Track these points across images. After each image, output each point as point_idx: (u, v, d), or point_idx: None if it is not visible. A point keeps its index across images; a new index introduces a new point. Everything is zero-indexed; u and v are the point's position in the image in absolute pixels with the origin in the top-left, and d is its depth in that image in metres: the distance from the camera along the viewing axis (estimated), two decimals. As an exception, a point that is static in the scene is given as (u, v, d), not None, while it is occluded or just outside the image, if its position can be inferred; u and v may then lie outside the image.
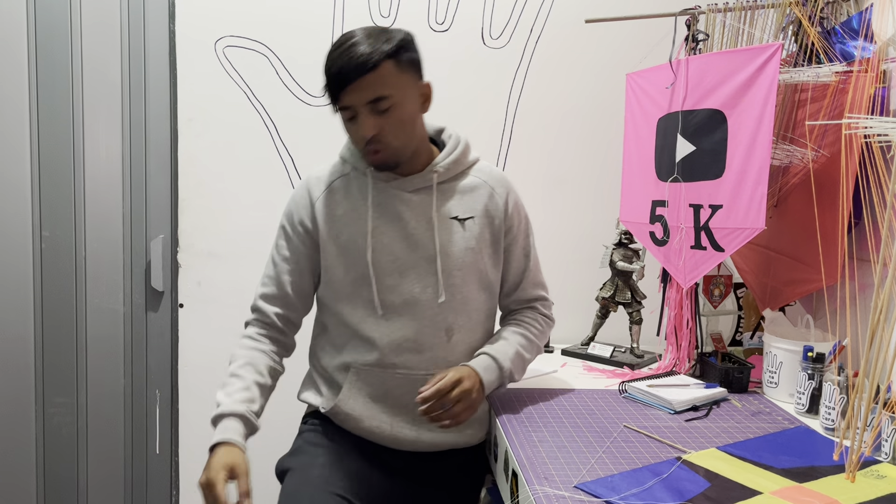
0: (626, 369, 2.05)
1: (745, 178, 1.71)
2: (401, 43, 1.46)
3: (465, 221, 1.60)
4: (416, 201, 1.59)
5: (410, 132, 1.54)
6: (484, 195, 1.64)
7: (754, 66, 1.68)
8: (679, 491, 1.26)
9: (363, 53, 1.42)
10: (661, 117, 1.94)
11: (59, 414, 2.36)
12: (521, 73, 2.36)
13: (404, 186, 1.59)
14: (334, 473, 1.55)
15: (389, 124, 1.48)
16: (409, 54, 1.49)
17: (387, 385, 1.60)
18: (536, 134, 2.39)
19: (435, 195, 1.59)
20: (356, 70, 1.42)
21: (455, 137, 1.65)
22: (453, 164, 1.62)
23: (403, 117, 1.50)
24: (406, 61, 1.48)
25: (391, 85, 1.45)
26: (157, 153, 2.33)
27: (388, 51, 1.44)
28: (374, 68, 1.42)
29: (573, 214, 2.42)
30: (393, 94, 1.46)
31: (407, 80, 1.49)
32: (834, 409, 1.55)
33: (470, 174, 1.66)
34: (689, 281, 1.89)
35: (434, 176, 1.59)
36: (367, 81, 1.43)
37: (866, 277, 1.70)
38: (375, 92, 1.44)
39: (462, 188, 1.63)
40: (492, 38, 2.35)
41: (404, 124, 1.51)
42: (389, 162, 1.54)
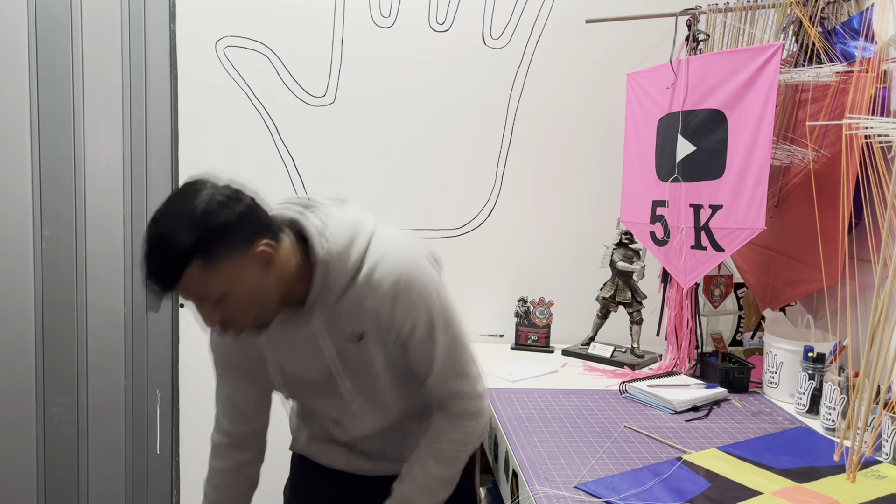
0: (627, 369, 2.05)
1: (746, 178, 1.71)
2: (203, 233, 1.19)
3: (359, 339, 1.39)
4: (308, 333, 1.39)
5: (261, 306, 1.30)
6: (370, 307, 1.35)
7: (755, 67, 1.68)
8: (679, 491, 1.26)
9: (160, 269, 1.21)
10: (661, 117, 1.94)
11: (60, 414, 2.36)
12: (522, 73, 2.36)
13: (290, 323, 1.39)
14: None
15: (229, 312, 1.27)
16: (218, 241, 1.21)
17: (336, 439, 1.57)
18: (537, 134, 2.39)
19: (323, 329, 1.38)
20: (161, 285, 1.23)
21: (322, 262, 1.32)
22: (329, 290, 1.34)
23: (241, 302, 1.26)
24: (218, 253, 1.21)
25: (206, 287, 1.22)
26: (157, 153, 2.33)
27: (186, 257, 1.19)
28: (178, 281, 1.20)
29: (573, 214, 2.42)
30: (212, 291, 1.23)
31: (226, 270, 1.22)
32: (834, 410, 1.55)
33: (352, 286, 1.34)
34: (689, 281, 1.89)
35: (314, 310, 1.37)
36: (179, 291, 1.23)
37: (867, 278, 1.70)
38: (191, 296, 1.24)
39: (347, 306, 1.36)
40: (492, 38, 2.34)
41: (247, 306, 1.28)
42: (255, 332, 1.36)
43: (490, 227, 2.40)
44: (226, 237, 1.21)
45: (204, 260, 1.19)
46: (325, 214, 1.36)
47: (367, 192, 2.35)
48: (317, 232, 1.32)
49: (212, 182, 1.25)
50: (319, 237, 1.32)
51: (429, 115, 2.35)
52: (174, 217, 1.22)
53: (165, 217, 1.23)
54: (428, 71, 2.33)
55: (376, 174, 2.35)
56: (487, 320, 2.43)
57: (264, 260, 1.26)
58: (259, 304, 1.29)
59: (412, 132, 2.34)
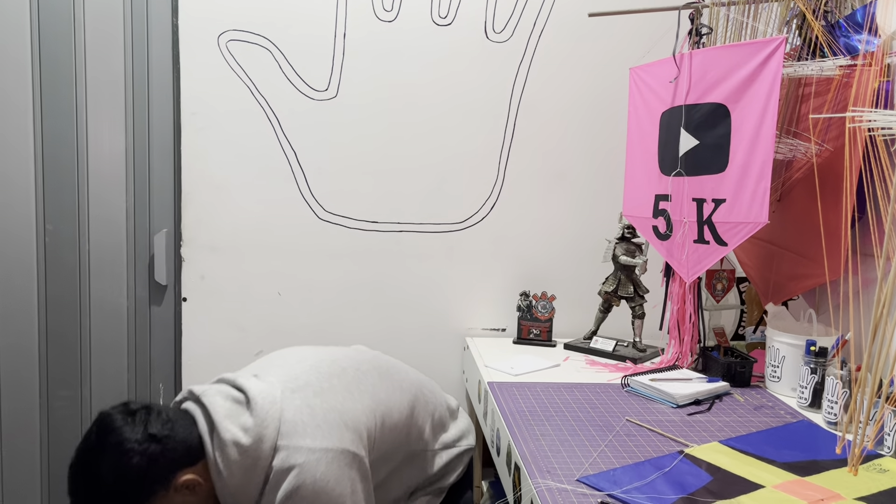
0: (629, 363, 2.06)
1: (749, 172, 1.71)
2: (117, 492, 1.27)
3: None
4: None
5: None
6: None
7: (758, 60, 1.68)
8: (681, 484, 1.26)
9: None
10: (664, 111, 1.94)
11: (64, 407, 2.37)
12: (525, 67, 2.36)
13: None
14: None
15: None
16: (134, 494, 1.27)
17: None
18: (539, 128, 2.39)
19: None
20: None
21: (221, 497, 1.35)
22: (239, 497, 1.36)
23: None
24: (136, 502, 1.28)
25: None
26: (160, 147, 2.33)
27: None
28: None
29: (576, 209, 2.42)
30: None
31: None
32: (836, 404, 1.55)
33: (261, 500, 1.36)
34: (691, 275, 1.89)
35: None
36: None
37: (870, 272, 1.70)
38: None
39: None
40: (495, 32, 2.34)
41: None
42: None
43: (492, 221, 2.40)
44: (141, 488, 1.26)
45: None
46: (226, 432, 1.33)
47: (369, 185, 2.35)
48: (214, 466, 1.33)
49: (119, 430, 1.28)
50: (217, 474, 1.32)
51: (431, 109, 2.35)
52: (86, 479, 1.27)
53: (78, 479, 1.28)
54: (430, 65, 2.32)
55: (378, 168, 2.35)
56: (489, 314, 2.43)
57: (189, 487, 1.31)
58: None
59: (414, 126, 2.34)
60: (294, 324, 2.37)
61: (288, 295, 2.38)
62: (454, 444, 1.67)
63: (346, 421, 1.39)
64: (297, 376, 1.43)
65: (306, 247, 2.35)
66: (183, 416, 1.36)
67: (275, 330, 2.39)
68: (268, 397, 1.35)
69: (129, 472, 1.25)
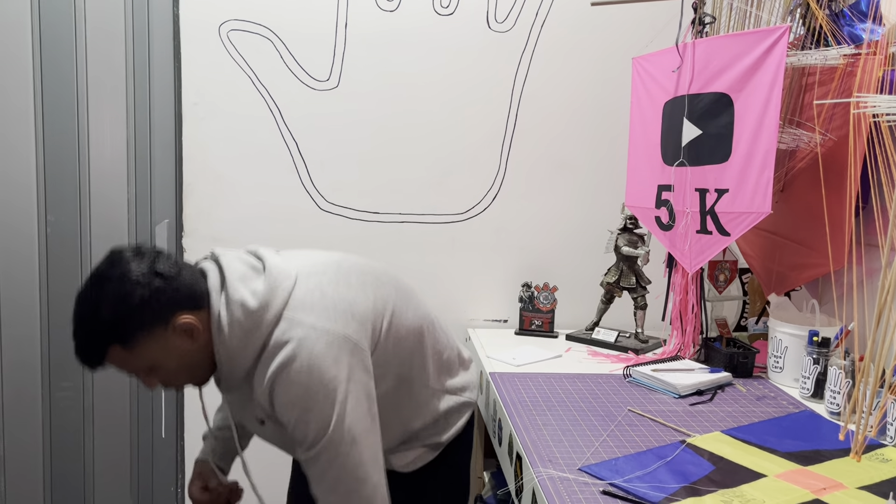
0: (631, 354, 2.05)
1: (752, 162, 1.70)
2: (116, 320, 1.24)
3: (263, 422, 1.40)
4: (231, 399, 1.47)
5: (191, 370, 1.36)
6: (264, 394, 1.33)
7: (761, 49, 1.67)
8: (683, 474, 1.26)
9: (82, 349, 1.28)
10: (667, 101, 1.93)
11: (66, 398, 2.37)
12: (527, 57, 2.35)
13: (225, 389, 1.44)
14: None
15: (162, 379, 1.34)
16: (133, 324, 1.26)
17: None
18: (542, 118, 2.38)
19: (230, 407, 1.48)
20: (89, 364, 1.30)
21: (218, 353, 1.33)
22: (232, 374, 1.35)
23: (171, 370, 1.33)
24: (135, 335, 1.26)
25: (132, 363, 1.30)
26: (161, 138, 2.33)
27: (104, 342, 1.26)
28: (102, 362, 1.29)
29: (578, 199, 2.41)
30: (139, 366, 1.30)
31: (148, 347, 1.28)
32: (839, 394, 1.55)
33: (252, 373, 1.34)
34: (694, 266, 1.88)
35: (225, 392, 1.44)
36: (108, 366, 1.30)
37: (873, 262, 1.69)
38: (122, 370, 1.32)
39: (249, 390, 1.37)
40: (497, 21, 2.33)
41: (178, 372, 1.34)
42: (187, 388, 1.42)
43: (494, 212, 2.40)
44: (141, 319, 1.25)
45: (122, 343, 1.25)
46: (235, 292, 1.32)
47: (371, 176, 2.35)
48: (216, 321, 1.31)
49: (127, 262, 1.27)
50: (218, 330, 1.31)
51: (433, 100, 2.34)
52: (89, 305, 1.26)
53: (82, 304, 1.27)
54: (432, 55, 2.31)
55: (380, 159, 2.35)
56: (491, 305, 2.43)
57: (187, 331, 1.29)
58: (189, 370, 1.34)
59: (416, 116, 2.34)
60: (296, 315, 2.37)
61: (289, 286, 2.37)
62: (457, 391, 1.61)
63: (355, 313, 1.37)
64: (317, 265, 1.43)
65: (307, 238, 2.35)
66: (195, 269, 1.36)
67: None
68: (284, 271, 1.35)
69: (130, 301, 1.24)
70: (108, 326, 1.24)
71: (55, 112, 2.27)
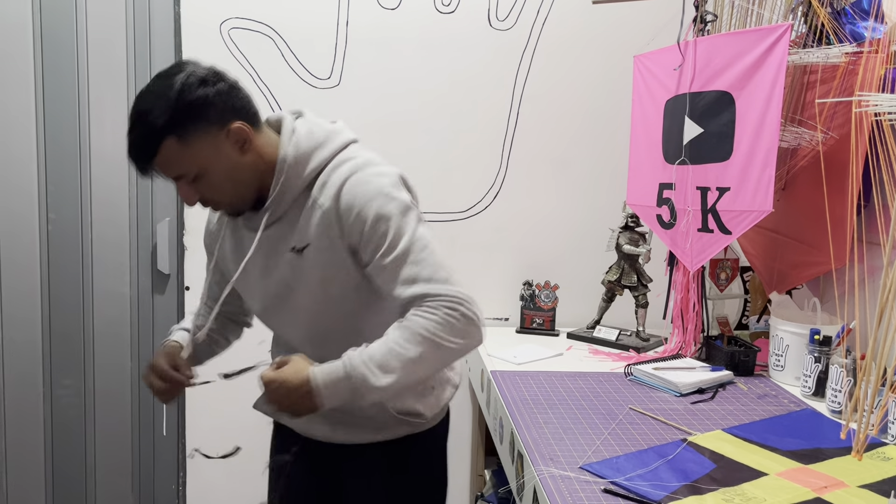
0: (632, 352, 2.05)
1: (753, 160, 1.70)
2: (177, 110, 1.25)
3: (302, 251, 1.38)
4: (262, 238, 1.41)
5: (236, 185, 1.35)
6: (316, 216, 1.36)
7: (763, 48, 1.67)
8: (684, 472, 1.26)
9: (137, 142, 1.28)
10: (668, 99, 1.93)
11: (67, 395, 2.38)
12: (528, 55, 2.35)
13: (248, 224, 1.43)
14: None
15: (206, 189, 1.33)
16: (192, 117, 1.27)
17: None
18: (543, 116, 2.38)
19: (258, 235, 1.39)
20: (140, 160, 1.29)
21: (281, 161, 1.35)
22: (282, 196, 1.37)
23: (216, 179, 1.32)
24: (192, 129, 1.27)
25: (182, 162, 1.29)
26: (162, 136, 2.33)
27: (161, 132, 1.25)
28: (155, 155, 1.27)
29: (579, 197, 2.41)
30: (189, 167, 1.29)
31: (201, 146, 1.28)
32: (840, 392, 1.55)
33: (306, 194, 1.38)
34: (695, 264, 1.88)
35: (264, 217, 1.39)
36: (156, 165, 1.29)
37: (875, 260, 1.69)
38: (170, 172, 1.30)
39: (296, 215, 1.39)
40: (498, 19, 2.33)
41: (222, 184, 1.33)
42: (231, 212, 1.42)
43: (495, 210, 2.40)
44: (200, 114, 1.26)
45: (178, 136, 1.25)
46: (309, 122, 1.39)
47: (373, 175, 2.34)
48: (288, 133, 1.36)
49: (193, 64, 1.31)
50: (287, 140, 1.35)
51: (434, 98, 2.34)
52: (151, 96, 1.27)
53: (144, 96, 1.29)
54: (433, 53, 2.31)
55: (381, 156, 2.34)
56: (493, 304, 2.42)
57: (239, 139, 1.31)
58: (234, 184, 1.34)
59: (417, 114, 2.33)
60: (297, 313, 2.37)
61: (291, 284, 2.38)
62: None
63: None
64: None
65: (309, 236, 2.35)
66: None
67: (278, 319, 2.39)
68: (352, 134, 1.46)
69: (193, 93, 1.26)
70: (168, 115, 1.24)
71: (56, 110, 2.27)
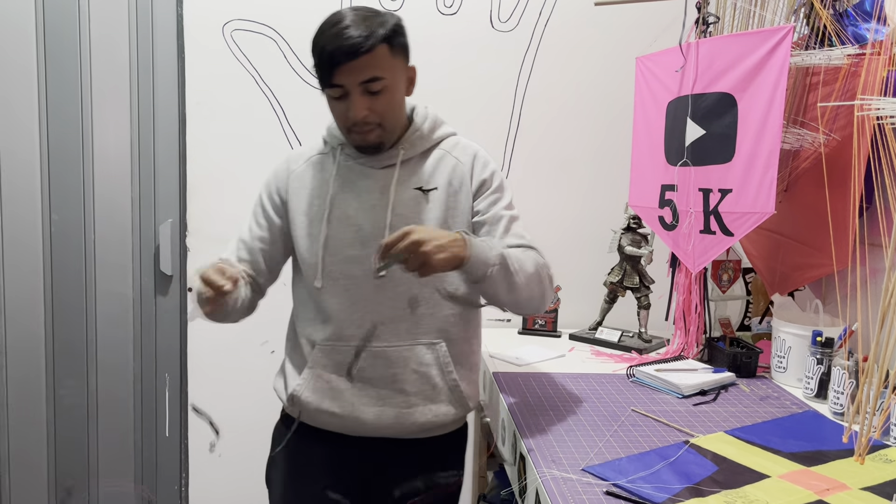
0: (634, 354, 2.05)
1: (755, 162, 1.70)
2: (394, 27, 1.48)
3: (428, 193, 1.57)
4: (380, 175, 1.58)
5: (398, 114, 1.56)
6: (448, 166, 1.60)
7: (765, 49, 1.67)
8: (687, 474, 1.26)
9: (360, 35, 1.43)
10: (670, 101, 1.93)
11: (70, 396, 2.38)
12: (530, 56, 2.35)
13: (371, 163, 1.59)
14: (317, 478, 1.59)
15: (381, 105, 1.49)
16: (400, 38, 1.51)
17: (348, 360, 1.57)
18: (545, 118, 2.38)
19: (398, 169, 1.57)
20: (352, 51, 1.42)
21: (422, 115, 1.63)
22: (418, 139, 1.60)
23: (393, 100, 1.52)
24: (398, 45, 1.50)
25: (384, 68, 1.47)
26: (165, 137, 2.33)
27: (383, 35, 1.45)
28: (370, 51, 1.43)
29: (582, 199, 2.41)
30: (386, 76, 1.47)
31: (398, 64, 1.51)
32: (843, 394, 1.55)
33: (437, 148, 1.63)
34: (697, 265, 1.88)
35: (400, 152, 1.58)
36: (362, 62, 1.44)
37: (877, 262, 1.69)
38: (370, 73, 1.45)
39: (427, 162, 1.60)
40: (500, 21, 2.33)
41: (394, 106, 1.53)
42: (376, 143, 1.54)
43: (498, 211, 2.39)
44: (405, 42, 1.53)
45: (390, 46, 1.47)
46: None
47: (375, 176, 2.34)
48: (420, 106, 1.65)
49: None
50: (422, 108, 1.64)
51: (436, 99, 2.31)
52: (373, 11, 1.51)
53: (366, 9, 1.51)
54: (435, 54, 2.31)
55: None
56: (495, 305, 2.42)
57: (412, 80, 1.57)
58: (397, 113, 1.55)
59: (420, 116, 2.33)
60: (299, 314, 2.37)
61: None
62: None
63: None
64: None
65: (311, 237, 2.35)
66: None
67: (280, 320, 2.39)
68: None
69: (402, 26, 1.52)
70: (390, 28, 1.47)
71: (59, 112, 2.27)
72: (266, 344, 2.37)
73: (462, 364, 1.60)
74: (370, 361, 1.57)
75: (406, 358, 1.56)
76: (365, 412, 1.56)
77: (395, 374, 1.55)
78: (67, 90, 2.27)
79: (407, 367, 1.55)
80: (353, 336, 1.56)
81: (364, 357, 1.57)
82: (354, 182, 1.59)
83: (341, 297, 1.57)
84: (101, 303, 2.37)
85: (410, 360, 1.56)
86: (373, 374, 1.56)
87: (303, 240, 1.61)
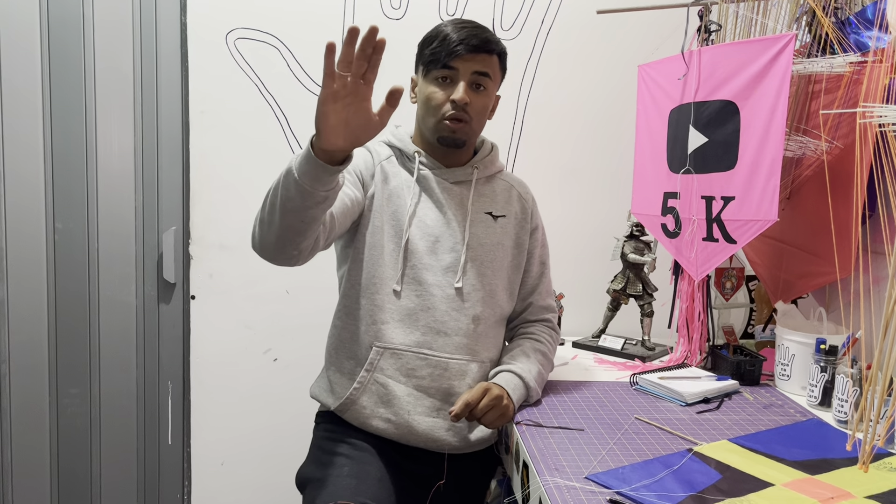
0: (637, 361, 2.05)
1: (758, 169, 1.70)
2: (505, 51, 1.68)
3: (497, 219, 1.70)
4: (456, 191, 1.68)
5: (483, 122, 1.68)
6: (514, 198, 1.76)
7: (767, 57, 1.67)
8: (690, 482, 1.26)
9: (491, 37, 1.61)
10: (673, 109, 1.93)
11: (73, 404, 2.38)
12: (533, 64, 2.36)
13: (446, 176, 1.68)
14: (359, 482, 1.52)
15: (478, 103, 1.61)
16: (505, 62, 1.68)
17: (409, 366, 1.60)
18: (548, 126, 2.38)
19: (473, 189, 1.69)
20: (482, 44, 1.58)
21: (489, 143, 1.78)
22: (489, 163, 1.73)
23: (487, 105, 1.65)
24: (503, 67, 1.68)
25: (493, 74, 1.63)
26: (169, 146, 2.34)
27: (502, 49, 1.65)
28: (491, 53, 1.61)
29: (584, 207, 2.41)
30: (492, 81, 1.63)
31: (497, 80, 1.67)
32: (847, 402, 1.55)
33: (500, 178, 1.77)
34: (700, 273, 1.88)
35: (475, 171, 1.70)
36: (482, 58, 1.59)
37: (880, 270, 1.69)
38: (485, 67, 1.60)
39: (495, 189, 1.73)
40: (503, 29, 2.34)
41: (484, 112, 1.66)
42: (462, 137, 1.63)
43: (500, 219, 2.40)
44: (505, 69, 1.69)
45: (500, 60, 1.65)
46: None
47: (378, 184, 2.35)
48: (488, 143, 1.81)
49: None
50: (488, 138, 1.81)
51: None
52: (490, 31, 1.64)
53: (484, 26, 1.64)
54: (438, 63, 2.32)
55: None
56: (498, 313, 2.42)
57: (495, 106, 1.73)
58: (482, 121, 1.67)
59: (422, 124, 2.34)
60: (303, 322, 2.37)
61: (296, 293, 2.38)
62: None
63: None
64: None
65: (314, 245, 2.35)
66: None
67: (283, 328, 2.40)
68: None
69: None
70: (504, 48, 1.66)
71: (63, 120, 2.28)
72: (269, 352, 2.37)
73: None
74: (428, 370, 1.60)
75: (464, 372, 1.62)
76: (419, 422, 1.58)
77: (452, 387, 1.61)
78: (71, 99, 2.28)
79: (463, 381, 1.62)
80: (415, 343, 1.60)
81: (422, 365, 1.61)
82: (433, 191, 1.67)
83: (413, 302, 1.61)
84: (105, 311, 2.37)
85: (467, 374, 1.63)
86: (430, 383, 1.60)
87: (380, 235, 1.63)
